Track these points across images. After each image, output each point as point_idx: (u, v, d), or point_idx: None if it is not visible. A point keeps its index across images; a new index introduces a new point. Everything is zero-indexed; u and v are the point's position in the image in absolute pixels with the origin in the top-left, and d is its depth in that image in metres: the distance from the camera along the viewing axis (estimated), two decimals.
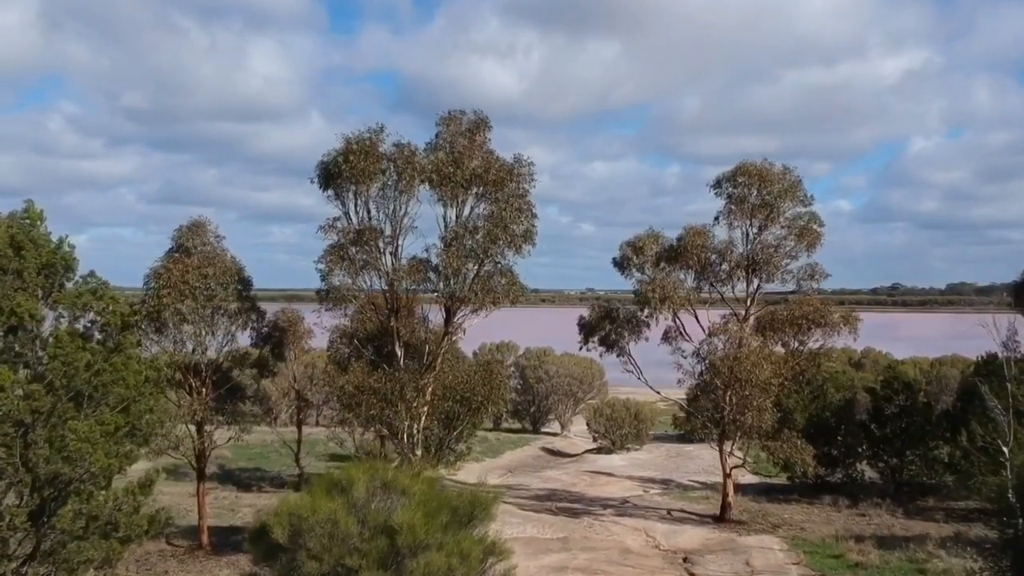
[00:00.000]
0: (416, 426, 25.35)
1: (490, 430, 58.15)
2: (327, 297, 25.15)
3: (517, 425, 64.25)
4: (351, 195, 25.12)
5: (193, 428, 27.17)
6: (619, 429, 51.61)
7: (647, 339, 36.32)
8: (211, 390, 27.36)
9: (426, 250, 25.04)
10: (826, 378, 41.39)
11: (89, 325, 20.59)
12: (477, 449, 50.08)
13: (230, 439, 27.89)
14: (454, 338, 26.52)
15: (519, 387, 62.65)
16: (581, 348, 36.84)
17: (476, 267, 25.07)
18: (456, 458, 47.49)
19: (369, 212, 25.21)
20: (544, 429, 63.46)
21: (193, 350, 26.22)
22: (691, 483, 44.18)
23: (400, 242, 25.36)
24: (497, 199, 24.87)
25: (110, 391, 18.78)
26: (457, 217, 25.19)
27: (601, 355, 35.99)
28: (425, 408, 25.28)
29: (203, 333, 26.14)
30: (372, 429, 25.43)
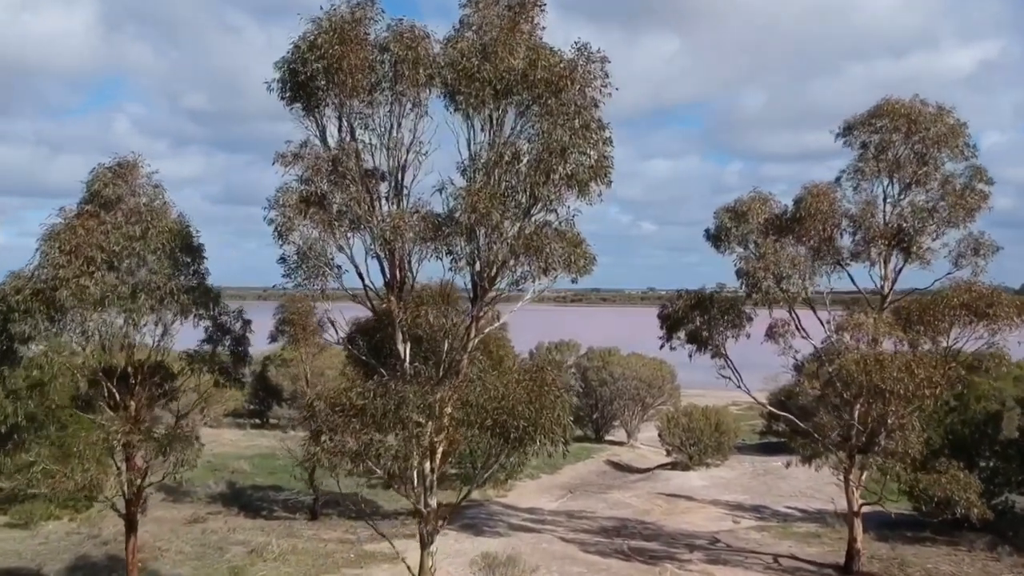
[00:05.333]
0: (429, 462, 15.41)
1: None
2: (294, 268, 15.15)
3: (579, 432, 54.03)
4: (329, 109, 15.27)
5: (120, 460, 17.43)
6: (697, 442, 41.07)
7: (748, 335, 26.03)
8: (147, 402, 17.61)
9: (439, 189, 14.93)
10: (966, 386, 30.58)
11: None
12: (532, 463, 39.97)
13: (165, 476, 18.10)
14: (491, 326, 16.54)
15: (581, 390, 52.52)
16: (663, 346, 26.68)
17: (519, 218, 15.03)
18: (507, 475, 37.64)
19: (353, 132, 15.33)
20: (608, 437, 53.16)
21: (105, 347, 16.50)
22: (789, 511, 33.97)
23: (403, 182, 15.45)
24: (550, 111, 14.80)
25: None
26: (491, 141, 15.13)
27: (691, 355, 25.64)
28: (442, 436, 15.31)
29: (125, 322, 16.44)
30: (360, 468, 15.34)
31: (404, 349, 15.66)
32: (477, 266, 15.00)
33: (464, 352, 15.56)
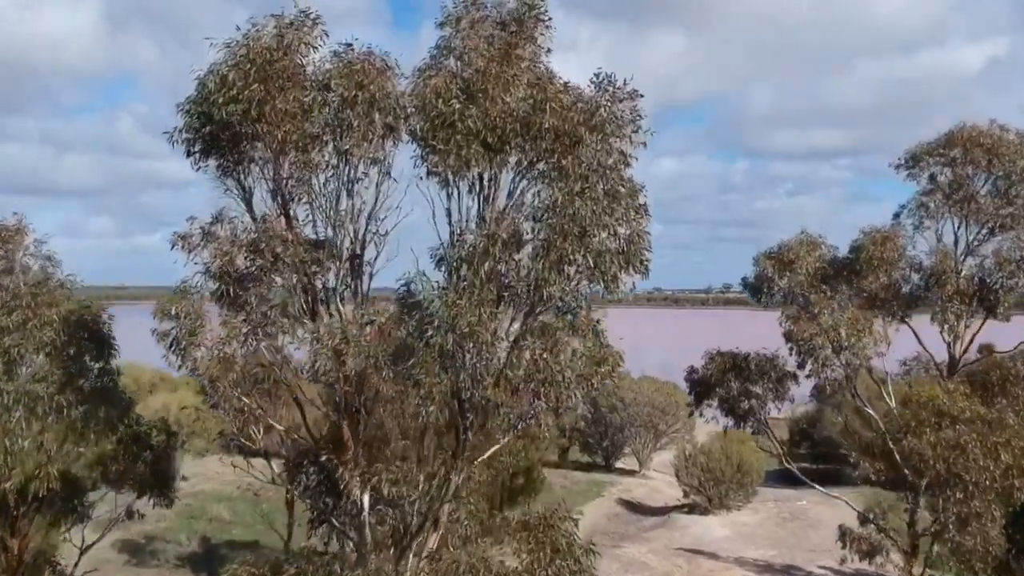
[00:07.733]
0: None
1: (556, 466, 43.56)
2: (211, 386, 10.61)
3: (587, 459, 49.52)
4: (257, 168, 10.69)
5: None
6: (718, 484, 36.46)
7: (792, 399, 21.52)
8: (43, 530, 13.05)
9: (405, 284, 10.37)
10: None
11: None
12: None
13: None
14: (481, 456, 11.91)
15: (590, 416, 47.86)
16: (692, 414, 22.13)
17: (521, 320, 10.45)
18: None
19: (286, 202, 10.72)
20: (619, 465, 48.49)
21: None
22: (824, 573, 29.23)
23: (363, 259, 10.89)
24: (562, 171, 10.18)
25: None
26: (481, 215, 10.51)
27: (726, 429, 21.18)
28: None
29: None
30: None
31: (364, 502, 11.10)
32: (457, 402, 10.43)
33: (445, 506, 10.99)
